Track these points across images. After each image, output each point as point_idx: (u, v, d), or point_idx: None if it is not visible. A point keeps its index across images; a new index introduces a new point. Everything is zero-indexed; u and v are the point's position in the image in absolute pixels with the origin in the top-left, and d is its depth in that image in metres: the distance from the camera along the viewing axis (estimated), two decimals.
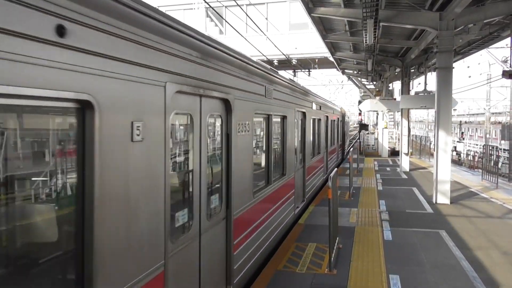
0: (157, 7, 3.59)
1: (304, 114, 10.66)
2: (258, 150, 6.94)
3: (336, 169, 7.79)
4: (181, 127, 4.16)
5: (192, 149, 4.18)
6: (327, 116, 14.43)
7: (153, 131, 3.21)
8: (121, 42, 2.80)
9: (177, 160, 4.05)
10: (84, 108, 2.56)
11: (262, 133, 7.10)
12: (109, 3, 2.75)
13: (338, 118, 20.88)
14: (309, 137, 11.33)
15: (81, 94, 2.45)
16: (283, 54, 19.27)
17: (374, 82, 30.71)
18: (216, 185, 4.89)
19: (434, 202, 12.03)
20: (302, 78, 31.49)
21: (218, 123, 4.97)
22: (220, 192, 4.97)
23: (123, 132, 2.86)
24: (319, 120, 11.49)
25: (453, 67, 12.13)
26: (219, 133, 5.00)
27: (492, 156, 16.97)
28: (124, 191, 2.89)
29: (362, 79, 32.59)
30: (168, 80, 3.44)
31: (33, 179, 2.46)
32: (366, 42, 13.17)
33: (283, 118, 8.34)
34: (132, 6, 3.01)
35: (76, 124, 2.57)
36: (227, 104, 5.05)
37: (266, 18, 22.74)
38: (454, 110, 45.60)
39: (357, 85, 37.40)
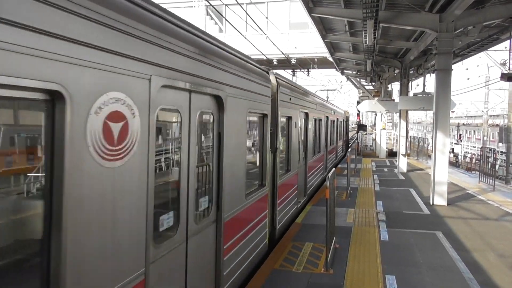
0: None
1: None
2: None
3: (334, 168, 7.79)
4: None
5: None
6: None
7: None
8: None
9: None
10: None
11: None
12: None
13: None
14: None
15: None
16: (283, 53, 19.25)
17: (373, 83, 30.75)
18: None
19: (431, 203, 12.05)
20: (301, 78, 31.50)
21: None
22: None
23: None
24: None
25: (452, 69, 12.16)
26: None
27: (490, 159, 17.01)
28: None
29: (361, 80, 32.61)
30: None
31: None
32: (365, 43, 13.18)
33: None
34: None
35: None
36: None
37: (266, 17, 22.72)
38: (452, 112, 45.71)
39: (356, 86, 37.43)
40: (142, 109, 3.05)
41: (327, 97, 40.66)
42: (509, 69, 13.40)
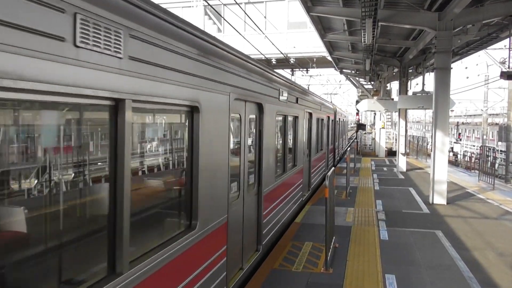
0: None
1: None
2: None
3: (333, 168, 7.77)
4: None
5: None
6: None
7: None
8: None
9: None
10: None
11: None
12: None
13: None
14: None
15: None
16: (281, 53, 19.25)
17: (372, 82, 30.71)
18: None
19: (430, 202, 12.03)
20: (300, 78, 31.47)
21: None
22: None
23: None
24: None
25: (451, 68, 12.14)
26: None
27: (489, 157, 17.00)
28: None
29: (360, 79, 32.60)
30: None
31: None
32: (364, 42, 13.15)
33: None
34: None
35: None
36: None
37: (265, 17, 22.70)
38: (452, 111, 45.69)
39: (355, 85, 37.40)
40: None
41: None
42: (508, 67, 13.38)
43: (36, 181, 2.53)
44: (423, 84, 19.21)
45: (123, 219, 2.88)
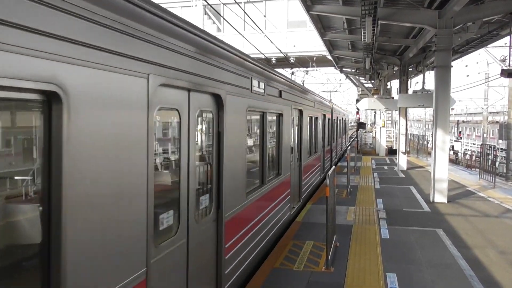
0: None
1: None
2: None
3: (334, 167, 7.76)
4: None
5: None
6: None
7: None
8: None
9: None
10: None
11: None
12: None
13: None
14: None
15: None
16: (281, 52, 19.22)
17: (372, 81, 30.69)
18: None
19: (431, 200, 12.02)
20: (300, 77, 31.41)
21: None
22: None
23: None
24: None
25: (452, 66, 12.12)
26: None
27: (490, 156, 16.97)
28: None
29: (360, 78, 32.56)
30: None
31: None
32: (364, 40, 13.14)
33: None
34: None
35: None
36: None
37: (264, 16, 22.68)
38: (452, 109, 45.67)
39: (355, 84, 37.38)
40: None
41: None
42: (509, 65, 13.35)
43: None
44: (423, 83, 19.21)
45: None
